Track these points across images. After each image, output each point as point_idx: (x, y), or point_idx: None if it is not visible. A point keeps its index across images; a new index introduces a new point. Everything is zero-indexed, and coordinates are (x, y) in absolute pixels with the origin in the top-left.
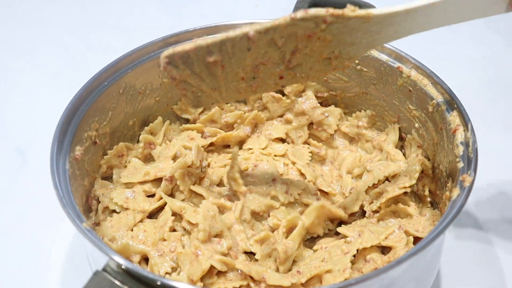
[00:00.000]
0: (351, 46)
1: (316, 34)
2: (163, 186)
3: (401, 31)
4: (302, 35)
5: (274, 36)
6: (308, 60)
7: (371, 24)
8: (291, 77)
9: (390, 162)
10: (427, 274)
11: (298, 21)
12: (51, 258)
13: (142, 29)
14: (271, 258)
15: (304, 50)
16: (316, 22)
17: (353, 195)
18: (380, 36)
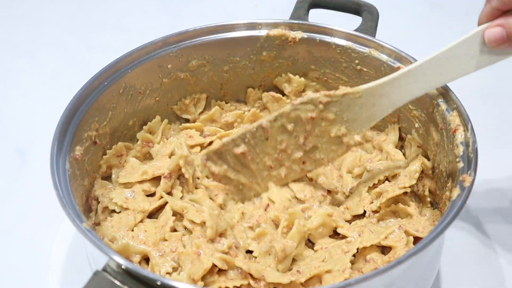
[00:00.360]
0: (354, 122)
1: (318, 116)
2: (163, 184)
3: (394, 100)
4: (306, 118)
5: (283, 122)
6: (321, 141)
7: (364, 98)
8: (313, 161)
9: (390, 162)
10: (427, 274)
11: (299, 106)
12: (51, 258)
13: (142, 29)
14: (270, 256)
15: (314, 132)
16: (314, 103)
17: (355, 196)
18: (376, 108)
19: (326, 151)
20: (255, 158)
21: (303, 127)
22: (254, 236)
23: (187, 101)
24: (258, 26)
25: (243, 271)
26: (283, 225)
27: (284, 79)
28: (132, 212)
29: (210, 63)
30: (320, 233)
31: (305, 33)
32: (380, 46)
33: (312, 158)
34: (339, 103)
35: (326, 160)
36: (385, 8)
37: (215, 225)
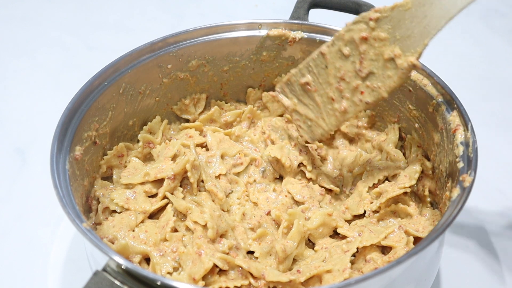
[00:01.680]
0: (407, 39)
1: (370, 35)
2: (166, 185)
3: (446, 8)
4: (359, 38)
5: (339, 46)
6: (376, 65)
7: (413, 9)
8: (370, 90)
9: (390, 162)
10: (427, 274)
11: (351, 25)
12: (51, 258)
13: (142, 29)
14: (271, 256)
15: (368, 54)
16: (365, 22)
17: (355, 196)
18: (428, 21)
19: (382, 77)
20: (319, 89)
21: (357, 49)
22: (255, 237)
23: (187, 101)
24: (258, 26)
25: (244, 271)
26: (284, 226)
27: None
28: (133, 212)
29: (210, 63)
30: (320, 233)
31: (305, 33)
32: None
33: (369, 87)
34: (389, 18)
35: (383, 89)
36: None
37: (216, 226)
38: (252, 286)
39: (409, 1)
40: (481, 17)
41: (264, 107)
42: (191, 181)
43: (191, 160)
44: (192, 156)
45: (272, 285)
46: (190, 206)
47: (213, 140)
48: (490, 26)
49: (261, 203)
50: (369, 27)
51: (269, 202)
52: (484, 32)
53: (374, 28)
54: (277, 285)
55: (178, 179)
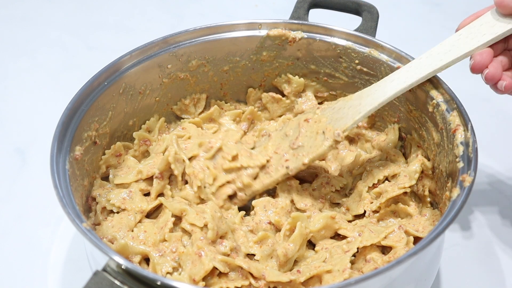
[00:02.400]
0: (340, 120)
1: (313, 118)
2: (155, 184)
3: (376, 96)
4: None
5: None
6: (308, 140)
7: (353, 101)
8: (295, 159)
9: (389, 162)
10: (427, 274)
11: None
12: (51, 258)
13: (142, 29)
14: (272, 259)
15: (305, 133)
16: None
17: (355, 196)
18: (362, 106)
19: (309, 149)
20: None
21: (298, 128)
22: (257, 240)
23: (187, 101)
24: (258, 26)
25: (244, 272)
26: (286, 228)
27: (283, 80)
28: (131, 212)
29: (210, 63)
30: (322, 235)
31: (305, 33)
32: (380, 46)
33: (295, 156)
34: (332, 107)
35: (305, 156)
36: (385, 8)
37: (216, 228)
38: (253, 286)
39: (353, 96)
40: None
41: (264, 108)
42: (175, 173)
43: (172, 154)
44: (172, 149)
45: (272, 285)
46: (185, 208)
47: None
48: None
49: (258, 211)
50: (315, 114)
51: (266, 209)
52: None
53: (318, 114)
54: (277, 285)
55: (166, 175)
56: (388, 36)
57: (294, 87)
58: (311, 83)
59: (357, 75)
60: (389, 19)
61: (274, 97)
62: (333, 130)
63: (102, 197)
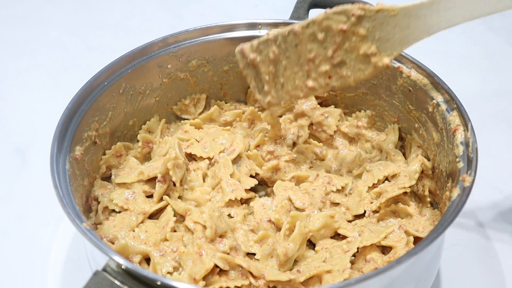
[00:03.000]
0: (385, 42)
1: (350, 29)
2: (158, 187)
3: (430, 25)
4: (337, 29)
5: (314, 30)
6: (349, 56)
7: (399, 17)
8: (338, 77)
9: (389, 162)
10: (427, 274)
11: (331, 15)
12: (51, 258)
13: (142, 29)
14: (272, 258)
15: (344, 45)
16: (347, 15)
17: (355, 196)
18: (411, 31)
19: (353, 68)
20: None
21: (334, 38)
22: (257, 239)
23: (187, 102)
24: (258, 26)
25: (244, 271)
26: (285, 228)
27: None
28: (133, 212)
29: (210, 63)
30: (322, 234)
31: None
32: None
33: (338, 74)
34: (373, 19)
35: (352, 78)
36: None
37: (215, 226)
38: (253, 285)
39: (396, 8)
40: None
41: (264, 108)
42: (173, 179)
43: (171, 158)
44: (173, 153)
45: (272, 284)
46: (189, 208)
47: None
48: (490, 26)
49: (257, 210)
50: (349, 21)
51: (265, 208)
52: (484, 32)
53: (354, 23)
54: (277, 285)
55: (168, 178)
56: None
57: None
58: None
59: None
60: None
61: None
62: (379, 57)
63: (104, 196)
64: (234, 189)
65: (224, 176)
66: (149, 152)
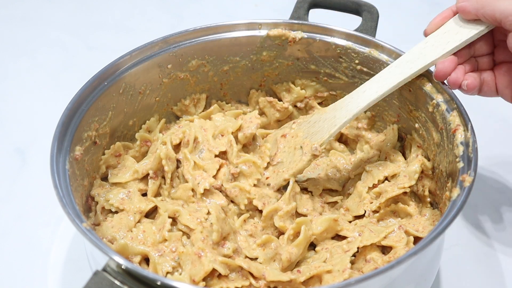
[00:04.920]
0: (316, 134)
1: (290, 133)
2: (151, 185)
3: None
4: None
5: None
6: (286, 156)
7: (328, 114)
8: (275, 175)
9: (389, 162)
10: (427, 274)
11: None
12: (51, 258)
13: (142, 29)
14: (274, 262)
15: (282, 149)
16: (289, 127)
17: (355, 196)
18: (336, 119)
19: (288, 164)
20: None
21: (276, 145)
22: (260, 242)
23: (187, 102)
24: (258, 26)
25: (244, 272)
26: (290, 233)
27: (284, 87)
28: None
29: (210, 63)
30: (324, 236)
31: (305, 33)
32: (380, 46)
33: (275, 172)
34: (308, 121)
35: (286, 172)
36: (385, 8)
37: (221, 229)
38: (253, 286)
39: (327, 109)
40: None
41: (262, 113)
42: (166, 169)
43: (163, 151)
44: (164, 149)
45: (272, 285)
46: (177, 209)
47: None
48: None
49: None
50: (291, 129)
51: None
52: None
53: (294, 128)
54: (278, 285)
55: (159, 175)
56: (388, 36)
57: (294, 96)
58: (311, 83)
59: (357, 75)
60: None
61: (271, 102)
62: (310, 144)
63: (100, 196)
64: (199, 181)
65: (186, 173)
66: (147, 151)
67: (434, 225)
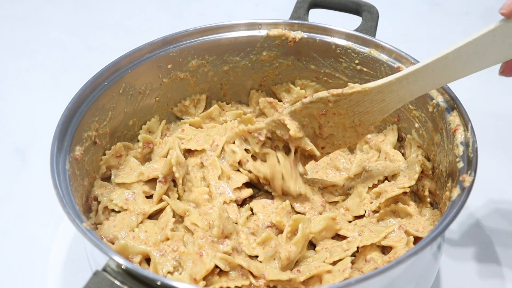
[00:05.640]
0: (366, 114)
1: (329, 111)
2: (158, 188)
3: (403, 95)
4: (317, 114)
5: (297, 117)
6: (336, 130)
7: (372, 94)
8: (330, 145)
9: (389, 162)
10: (427, 274)
11: (308, 104)
12: (51, 258)
13: (142, 29)
14: (274, 261)
15: (328, 124)
16: (324, 102)
17: (355, 196)
18: (386, 103)
19: (343, 138)
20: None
21: (316, 121)
22: (260, 241)
23: (187, 103)
24: (258, 26)
25: (244, 271)
26: (287, 231)
27: (283, 88)
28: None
29: (210, 63)
30: (323, 236)
31: (305, 33)
32: (380, 46)
33: (329, 143)
34: (349, 100)
35: (344, 144)
36: (385, 8)
37: (222, 226)
38: (253, 285)
39: (368, 89)
40: (481, 17)
41: (262, 113)
42: (176, 176)
43: (174, 156)
44: (174, 153)
45: (272, 284)
46: (188, 209)
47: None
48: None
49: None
50: (327, 106)
51: (265, 208)
52: None
53: (332, 107)
54: (277, 285)
55: (169, 179)
56: (388, 36)
57: (293, 97)
58: (311, 83)
59: (357, 75)
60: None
61: (271, 102)
62: (364, 127)
63: (104, 196)
64: (221, 192)
65: (212, 179)
66: (149, 153)
67: (434, 225)
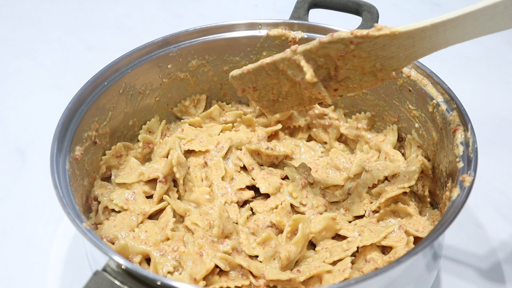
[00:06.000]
0: (390, 59)
1: (348, 53)
2: (159, 188)
3: (436, 43)
4: (335, 55)
5: (312, 56)
6: (353, 73)
7: (402, 39)
8: (344, 88)
9: (389, 162)
10: (427, 274)
11: (326, 44)
12: (51, 258)
13: (142, 29)
14: (274, 260)
15: (345, 66)
16: (344, 43)
17: (355, 197)
18: (416, 49)
19: (359, 82)
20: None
21: (333, 62)
22: (260, 241)
23: (187, 103)
24: (258, 26)
25: (244, 271)
26: (287, 230)
27: None
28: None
29: (210, 63)
30: (323, 236)
31: (305, 33)
32: None
33: (343, 86)
34: (373, 43)
35: (358, 87)
36: (385, 8)
37: (222, 226)
38: (253, 285)
39: (398, 33)
40: None
41: (262, 113)
42: (177, 176)
43: (175, 157)
44: (175, 153)
45: (272, 284)
46: (189, 208)
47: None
48: None
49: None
50: (348, 48)
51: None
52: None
53: (353, 49)
54: (277, 285)
55: (170, 179)
56: None
57: None
58: None
59: None
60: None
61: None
62: (385, 72)
63: (104, 196)
64: (223, 193)
65: (215, 179)
66: (149, 153)
67: (434, 225)
